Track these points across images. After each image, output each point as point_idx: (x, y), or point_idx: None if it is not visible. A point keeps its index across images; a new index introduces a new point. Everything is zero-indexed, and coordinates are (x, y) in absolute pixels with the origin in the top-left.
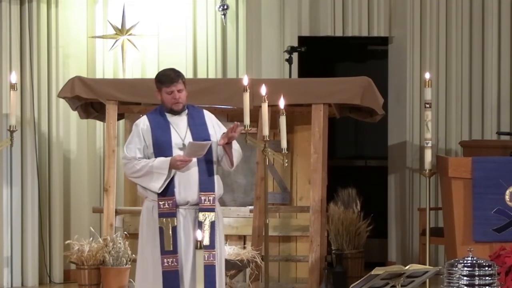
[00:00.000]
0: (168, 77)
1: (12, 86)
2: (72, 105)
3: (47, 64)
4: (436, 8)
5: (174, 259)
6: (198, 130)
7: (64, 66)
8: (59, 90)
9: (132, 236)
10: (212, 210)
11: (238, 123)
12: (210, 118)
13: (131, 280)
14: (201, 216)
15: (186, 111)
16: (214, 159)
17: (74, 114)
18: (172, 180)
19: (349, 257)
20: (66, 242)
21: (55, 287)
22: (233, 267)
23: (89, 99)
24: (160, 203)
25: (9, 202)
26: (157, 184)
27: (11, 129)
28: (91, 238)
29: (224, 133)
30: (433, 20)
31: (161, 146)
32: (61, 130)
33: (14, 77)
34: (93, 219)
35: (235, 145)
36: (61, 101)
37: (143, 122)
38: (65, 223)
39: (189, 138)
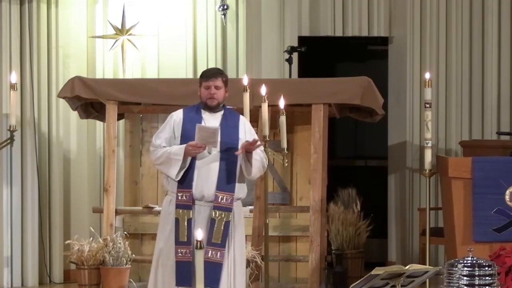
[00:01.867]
0: (208, 71)
1: (12, 86)
2: (72, 105)
3: (47, 64)
4: (436, 8)
5: (188, 250)
6: (228, 131)
7: (64, 66)
8: (59, 90)
9: (132, 236)
10: (228, 209)
11: (258, 139)
12: (244, 124)
13: (131, 280)
14: (213, 213)
15: (223, 111)
16: (238, 160)
17: (74, 114)
18: (191, 173)
19: (349, 257)
20: (66, 242)
21: (55, 287)
22: None
23: (89, 99)
24: (178, 194)
25: (9, 202)
26: (174, 171)
27: (11, 129)
28: (91, 238)
29: (244, 142)
30: (433, 20)
31: (188, 140)
32: (61, 130)
33: (14, 77)
34: (93, 219)
35: (258, 155)
36: (61, 101)
37: (177, 114)
38: (65, 223)
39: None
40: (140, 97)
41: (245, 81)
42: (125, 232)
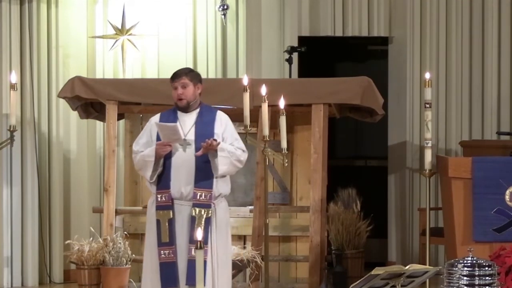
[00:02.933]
0: (174, 73)
1: (12, 86)
2: (72, 105)
3: (47, 64)
4: (436, 8)
5: (171, 251)
6: (202, 127)
7: (64, 66)
8: (59, 90)
9: (132, 236)
10: (207, 206)
11: (212, 141)
12: (221, 119)
13: (131, 280)
14: (193, 211)
15: (198, 109)
16: (214, 174)
17: (74, 114)
18: (168, 173)
19: (349, 257)
20: (66, 242)
21: (55, 287)
22: (233, 267)
23: (89, 99)
24: (158, 196)
25: (9, 202)
26: (149, 172)
27: (11, 129)
28: (91, 238)
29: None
30: (433, 20)
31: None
32: (61, 130)
33: (14, 77)
34: (93, 219)
35: (223, 152)
36: (61, 101)
37: (155, 119)
38: (65, 223)
39: (191, 135)
40: (140, 97)
41: (245, 81)
42: (125, 232)
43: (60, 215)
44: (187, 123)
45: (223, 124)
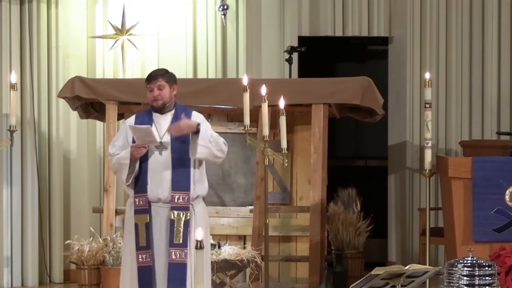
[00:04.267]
0: (149, 74)
1: (12, 86)
2: (72, 105)
3: (47, 64)
4: (436, 8)
5: (148, 255)
6: None
7: (64, 66)
8: (59, 90)
9: None
10: (185, 208)
11: (191, 122)
12: (197, 118)
13: None
14: (172, 214)
15: (173, 111)
16: (191, 157)
17: (74, 114)
18: (145, 176)
19: (349, 257)
20: (66, 242)
21: (55, 287)
22: (233, 267)
23: (89, 99)
24: (136, 199)
25: (9, 202)
26: (124, 175)
27: (11, 129)
28: (91, 238)
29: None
30: (433, 20)
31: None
32: (61, 130)
33: (14, 77)
34: (93, 219)
35: (203, 141)
36: (61, 101)
37: (130, 121)
38: (65, 223)
39: (167, 137)
40: (140, 97)
41: (245, 81)
42: None
43: (60, 215)
44: (162, 125)
45: (199, 122)
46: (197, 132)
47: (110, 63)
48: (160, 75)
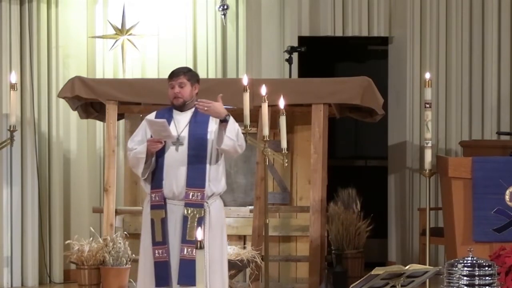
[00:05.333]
0: (172, 71)
1: (12, 86)
2: (72, 105)
3: (47, 64)
4: (436, 8)
5: (164, 250)
6: (196, 126)
7: (64, 66)
8: (59, 90)
9: (132, 236)
10: (200, 206)
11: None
12: (215, 118)
13: (131, 280)
14: (185, 210)
15: (193, 109)
16: (208, 155)
17: (74, 114)
18: (160, 172)
19: (349, 257)
20: (66, 242)
21: (55, 287)
22: (233, 267)
23: (89, 99)
24: (152, 195)
25: (9, 202)
26: (140, 169)
27: (11, 129)
28: (91, 238)
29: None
30: (433, 20)
31: None
32: (61, 130)
33: (14, 77)
34: (93, 219)
35: (232, 134)
36: (61, 101)
37: (150, 116)
38: (65, 223)
39: (185, 134)
40: (140, 97)
41: (245, 81)
42: (125, 232)
43: (60, 215)
44: (181, 122)
45: (217, 121)
46: (224, 121)
47: (110, 63)
48: (182, 72)
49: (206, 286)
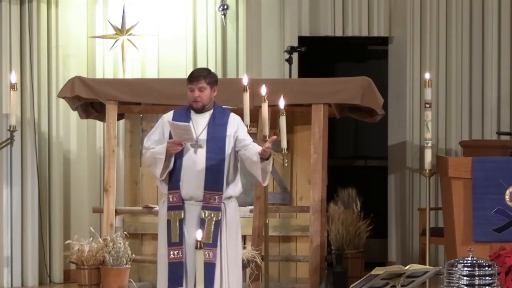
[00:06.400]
0: (192, 75)
1: (12, 86)
2: (72, 105)
3: (47, 64)
4: (436, 8)
5: (180, 251)
6: (215, 129)
7: (64, 66)
8: (59, 90)
9: (132, 236)
10: (217, 209)
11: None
12: (234, 119)
13: (131, 280)
14: (203, 213)
15: (212, 111)
16: (227, 158)
17: (74, 114)
18: (178, 173)
19: (349, 257)
20: (66, 242)
21: (55, 287)
22: None
23: (89, 99)
24: (169, 196)
25: (9, 202)
26: (158, 170)
27: (11, 129)
28: (91, 238)
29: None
30: (433, 20)
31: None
32: (61, 130)
33: (14, 77)
34: (93, 219)
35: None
36: (61, 101)
37: (167, 116)
38: (65, 223)
39: (203, 137)
40: (140, 97)
41: (245, 81)
42: (125, 232)
43: (60, 215)
44: (199, 124)
45: (235, 124)
46: (267, 157)
47: (110, 63)
48: (203, 76)
49: (222, 286)
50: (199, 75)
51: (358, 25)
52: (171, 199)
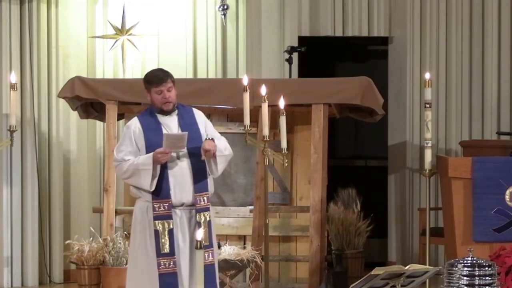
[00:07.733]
0: (157, 77)
1: (12, 86)
2: (72, 105)
3: (47, 64)
4: (436, 8)
5: (172, 262)
6: (190, 130)
7: (64, 66)
8: (59, 90)
9: None
10: (207, 209)
11: (213, 145)
12: (200, 117)
13: None
14: (197, 217)
15: (176, 111)
16: (213, 176)
17: (74, 114)
18: (166, 182)
19: (349, 257)
20: (66, 242)
21: (55, 287)
22: (233, 267)
23: (89, 99)
24: (155, 205)
25: (9, 202)
26: (146, 182)
27: (11, 129)
28: (91, 238)
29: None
30: (433, 20)
31: (154, 149)
32: (61, 130)
33: (14, 77)
34: (93, 219)
35: (219, 151)
36: (61, 101)
37: (134, 125)
38: (65, 223)
39: None
40: (140, 97)
41: (245, 81)
42: (125, 232)
43: (60, 215)
44: (171, 127)
45: (202, 121)
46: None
47: (110, 63)
48: (168, 76)
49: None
50: (164, 75)
51: (358, 25)
52: (157, 209)
